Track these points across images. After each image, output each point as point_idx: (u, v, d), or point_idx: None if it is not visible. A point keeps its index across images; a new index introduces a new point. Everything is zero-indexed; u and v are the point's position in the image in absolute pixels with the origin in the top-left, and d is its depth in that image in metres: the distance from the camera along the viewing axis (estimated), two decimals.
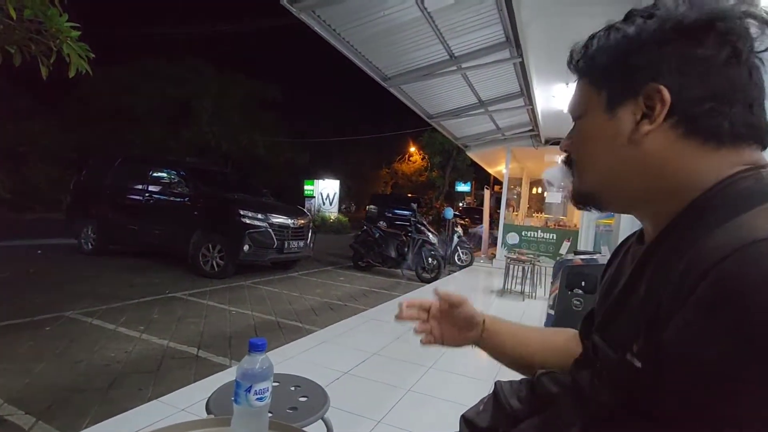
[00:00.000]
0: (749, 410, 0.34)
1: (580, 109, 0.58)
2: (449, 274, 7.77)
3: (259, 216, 6.18)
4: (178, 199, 6.56)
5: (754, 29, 0.47)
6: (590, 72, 0.56)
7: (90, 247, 7.08)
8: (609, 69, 0.53)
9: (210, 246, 6.04)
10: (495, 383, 0.70)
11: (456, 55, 4.91)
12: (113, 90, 14.27)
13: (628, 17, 0.53)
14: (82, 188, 7.55)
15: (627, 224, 3.08)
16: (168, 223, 6.54)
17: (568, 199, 0.64)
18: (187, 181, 6.60)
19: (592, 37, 0.56)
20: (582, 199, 0.59)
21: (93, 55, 2.74)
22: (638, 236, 0.61)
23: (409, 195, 20.15)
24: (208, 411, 1.12)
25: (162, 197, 6.71)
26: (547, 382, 0.62)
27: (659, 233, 0.50)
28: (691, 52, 0.47)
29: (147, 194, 6.80)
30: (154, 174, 6.90)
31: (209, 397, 1.19)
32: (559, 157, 0.64)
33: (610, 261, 0.73)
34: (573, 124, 0.61)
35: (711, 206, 0.45)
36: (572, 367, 0.58)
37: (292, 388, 1.31)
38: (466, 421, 0.72)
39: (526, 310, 5.15)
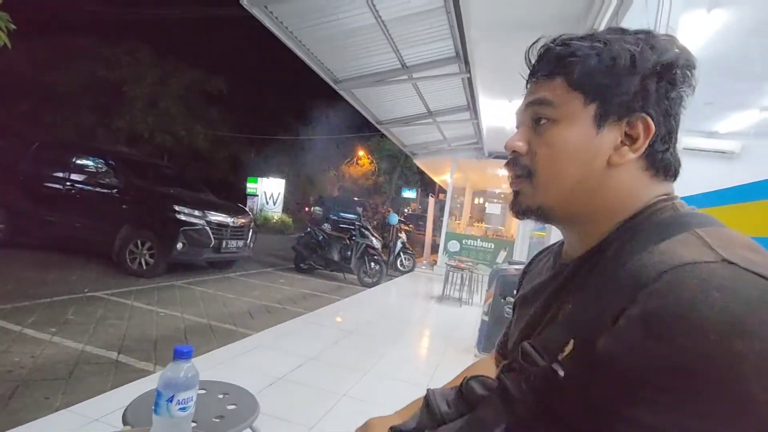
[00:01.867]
0: (660, 421, 0.36)
1: (555, 113, 0.54)
2: (391, 279, 7.85)
3: (196, 213, 5.85)
4: (105, 191, 6.03)
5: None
6: (577, 77, 0.52)
7: None
8: (606, 84, 0.51)
9: (139, 242, 5.61)
10: (426, 390, 0.71)
11: (408, 64, 5.01)
12: (34, 67, 12.83)
13: (619, 33, 0.53)
14: None
15: (558, 236, 3.31)
16: (91, 215, 5.98)
17: (510, 209, 0.60)
18: (117, 171, 6.08)
19: (576, 39, 0.54)
20: (533, 211, 0.57)
21: (14, 27, 2.48)
22: (558, 250, 0.64)
23: (356, 199, 20.15)
24: (125, 422, 1.04)
25: (86, 187, 6.12)
26: (475, 386, 0.63)
27: (589, 249, 0.53)
28: (666, 92, 0.51)
29: (68, 183, 6.19)
30: (78, 162, 6.29)
31: (127, 407, 1.10)
32: (506, 162, 0.59)
33: (525, 271, 0.76)
34: (528, 121, 0.57)
35: (639, 231, 0.49)
36: (500, 373, 0.60)
37: (220, 396, 1.25)
38: (393, 430, 0.73)
39: (463, 316, 5.33)
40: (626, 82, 0.51)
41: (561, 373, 0.46)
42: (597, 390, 0.42)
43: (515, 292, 0.78)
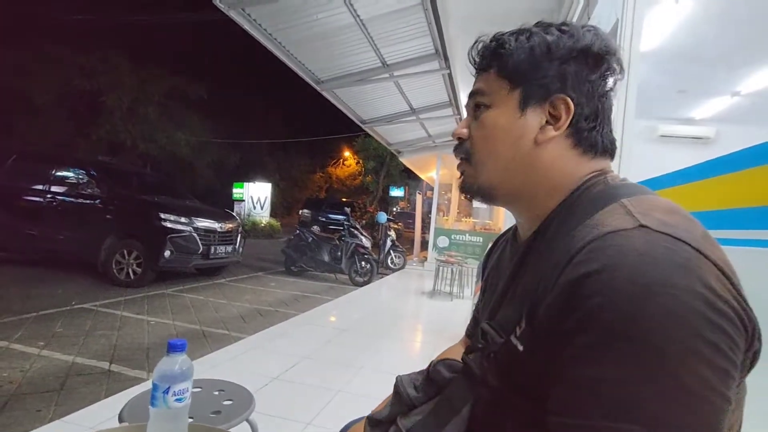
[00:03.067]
0: (585, 374, 0.40)
1: (487, 100, 0.60)
2: (382, 277, 7.88)
3: (183, 220, 5.80)
4: (88, 201, 5.93)
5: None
6: (504, 67, 0.58)
7: None
8: (526, 70, 0.56)
9: (125, 252, 5.54)
10: (396, 378, 0.72)
11: (388, 63, 5.05)
12: (7, 77, 12.49)
13: (544, 27, 0.58)
14: None
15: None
16: (75, 227, 5.88)
17: (460, 189, 0.65)
18: (99, 181, 6.00)
19: (504, 34, 0.60)
20: (476, 190, 0.62)
21: None
22: (513, 233, 0.69)
23: (343, 199, 20.14)
24: (121, 421, 1.05)
25: (67, 199, 6.02)
26: (442, 369, 0.66)
27: (536, 229, 0.58)
28: (587, 74, 0.56)
29: (49, 195, 6.07)
30: (58, 173, 6.18)
31: (123, 408, 1.11)
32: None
33: (487, 256, 0.80)
34: (469, 111, 0.63)
35: (575, 207, 0.53)
36: (464, 354, 0.64)
37: (216, 393, 1.27)
38: (369, 420, 0.75)
39: (455, 310, 5.39)
40: (544, 68, 0.56)
41: (520, 347, 0.49)
42: (541, 356, 0.45)
43: (480, 279, 0.82)
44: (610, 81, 0.57)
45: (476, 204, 11.79)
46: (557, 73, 0.55)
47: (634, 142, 1.82)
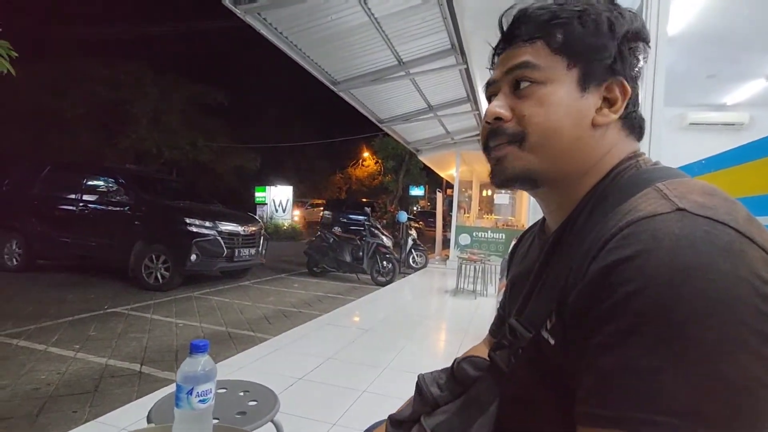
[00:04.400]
0: (615, 361, 0.37)
1: (541, 75, 0.53)
2: (404, 276, 7.86)
3: (207, 224, 5.93)
4: (117, 208, 6.15)
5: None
6: (561, 40, 0.53)
7: (15, 263, 6.46)
8: (588, 48, 0.52)
9: (153, 257, 5.71)
10: (418, 376, 0.70)
11: (404, 60, 5.02)
12: (38, 92, 13.09)
13: (597, 2, 0.54)
14: (6, 199, 6.90)
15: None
16: (105, 234, 6.10)
17: (491, 180, 0.58)
18: (127, 189, 6.20)
19: (553, 5, 0.55)
20: (519, 175, 0.55)
21: (16, 54, 2.54)
22: (540, 227, 0.65)
23: (364, 200, 20.21)
24: (149, 422, 1.07)
25: (98, 206, 6.25)
26: (467, 367, 0.64)
27: (565, 219, 0.55)
28: (635, 58, 0.54)
29: (81, 204, 6.31)
30: (89, 182, 6.43)
31: (151, 408, 1.13)
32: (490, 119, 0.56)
33: (513, 252, 0.77)
34: (506, 88, 0.56)
35: (607, 193, 0.50)
36: (490, 352, 0.61)
37: (241, 394, 1.28)
38: (390, 420, 0.73)
39: (478, 308, 5.32)
40: (606, 46, 0.53)
41: (552, 341, 0.47)
42: (572, 348, 0.43)
43: (506, 276, 0.79)
44: (642, 65, 0.56)
45: (498, 200, 11.62)
46: (617, 53, 0.53)
47: (664, 131, 1.74)
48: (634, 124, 0.56)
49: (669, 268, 0.36)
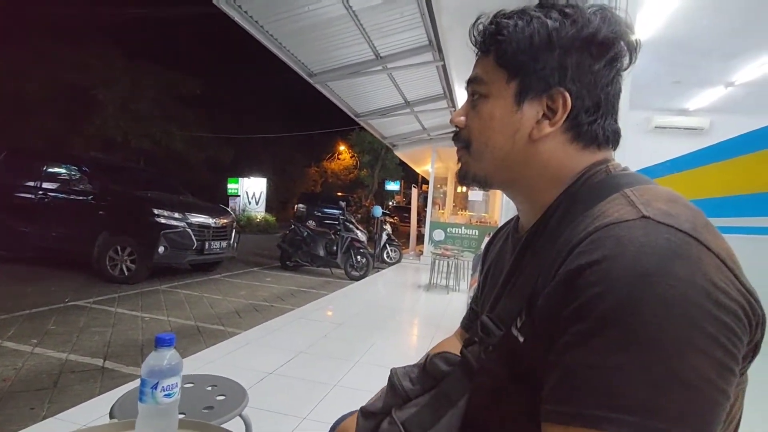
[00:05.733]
0: (578, 361, 0.39)
1: (485, 89, 0.57)
2: (378, 271, 7.88)
3: (176, 215, 5.76)
4: (80, 198, 5.87)
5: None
6: (502, 55, 0.55)
7: None
8: (524, 61, 0.53)
9: (119, 248, 5.50)
10: (390, 370, 0.71)
11: (382, 55, 5.01)
12: None
13: (546, 9, 0.54)
14: None
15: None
16: (67, 224, 5.83)
17: (457, 176, 0.64)
18: (91, 177, 5.93)
19: (504, 16, 0.56)
20: (473, 179, 0.61)
21: None
22: (514, 225, 0.67)
23: (339, 194, 20.11)
24: (112, 417, 1.03)
25: (60, 195, 5.95)
26: (438, 362, 0.65)
27: (537, 220, 0.56)
28: (590, 64, 0.52)
29: (40, 192, 6.00)
30: (50, 170, 6.11)
31: (114, 404, 1.10)
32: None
33: (487, 248, 0.78)
34: (468, 96, 0.61)
35: (576, 198, 0.52)
36: (462, 348, 0.63)
37: (209, 388, 1.26)
38: (361, 411, 0.74)
39: (451, 303, 5.41)
40: (543, 59, 0.53)
41: (521, 339, 0.49)
42: (540, 346, 0.45)
43: (479, 272, 0.81)
44: (619, 65, 0.54)
45: (472, 197, 11.80)
46: (557, 65, 0.52)
47: (629, 133, 1.81)
48: (582, 135, 0.54)
49: (631, 273, 0.38)
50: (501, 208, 8.16)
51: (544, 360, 0.44)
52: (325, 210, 15.22)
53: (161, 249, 5.47)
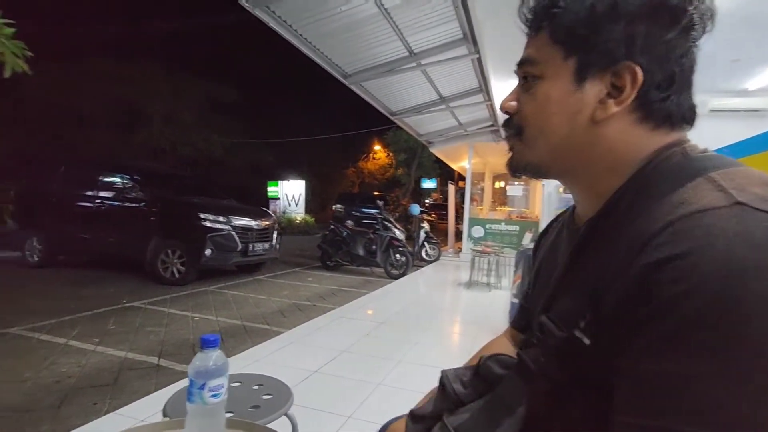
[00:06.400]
0: (662, 367, 0.35)
1: (538, 70, 0.52)
2: (417, 269, 7.84)
3: (221, 219, 5.99)
4: (133, 205, 6.24)
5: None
6: (558, 29, 0.50)
7: (36, 259, 6.62)
8: (584, 36, 0.48)
9: (169, 252, 5.79)
10: (441, 372, 0.68)
11: (415, 51, 4.96)
12: (53, 92, 13.33)
13: None
14: (25, 197, 7.07)
15: None
16: (122, 229, 6.21)
17: (506, 167, 0.59)
18: (142, 185, 6.30)
19: None
20: (524, 167, 0.56)
21: (30, 54, 2.57)
22: (570, 215, 0.61)
23: (376, 193, 20.18)
24: (165, 415, 1.07)
25: (114, 203, 6.36)
26: (492, 365, 0.61)
27: (600, 210, 0.50)
28: (661, 34, 0.46)
29: (98, 200, 6.43)
30: (105, 179, 6.54)
31: (166, 402, 1.13)
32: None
33: (537, 243, 0.73)
34: (520, 80, 0.56)
35: (648, 183, 0.45)
36: (518, 350, 0.59)
37: (255, 387, 1.27)
38: (411, 415, 0.71)
39: (493, 300, 5.28)
40: (607, 30, 0.47)
41: (586, 341, 0.44)
42: (609, 349, 0.40)
43: (531, 266, 0.75)
44: (695, 34, 0.47)
45: (511, 192, 11.49)
46: (624, 36, 0.46)
47: None
48: (654, 113, 0.47)
49: (725, 267, 0.33)
50: (542, 202, 7.88)
51: (616, 365, 0.39)
52: (363, 210, 15.31)
53: (208, 252, 5.71)
